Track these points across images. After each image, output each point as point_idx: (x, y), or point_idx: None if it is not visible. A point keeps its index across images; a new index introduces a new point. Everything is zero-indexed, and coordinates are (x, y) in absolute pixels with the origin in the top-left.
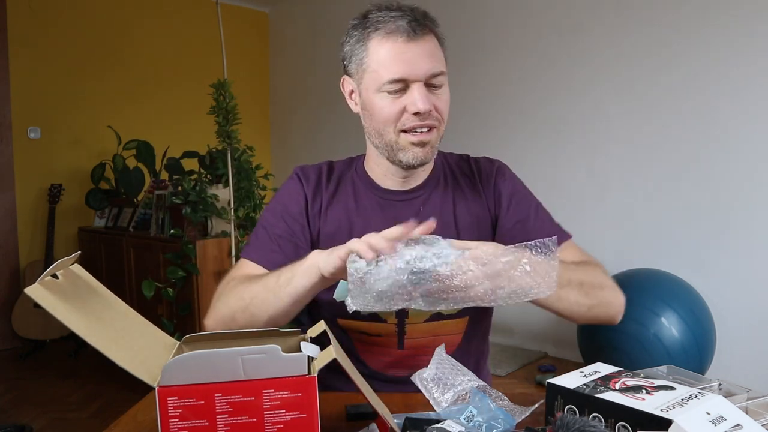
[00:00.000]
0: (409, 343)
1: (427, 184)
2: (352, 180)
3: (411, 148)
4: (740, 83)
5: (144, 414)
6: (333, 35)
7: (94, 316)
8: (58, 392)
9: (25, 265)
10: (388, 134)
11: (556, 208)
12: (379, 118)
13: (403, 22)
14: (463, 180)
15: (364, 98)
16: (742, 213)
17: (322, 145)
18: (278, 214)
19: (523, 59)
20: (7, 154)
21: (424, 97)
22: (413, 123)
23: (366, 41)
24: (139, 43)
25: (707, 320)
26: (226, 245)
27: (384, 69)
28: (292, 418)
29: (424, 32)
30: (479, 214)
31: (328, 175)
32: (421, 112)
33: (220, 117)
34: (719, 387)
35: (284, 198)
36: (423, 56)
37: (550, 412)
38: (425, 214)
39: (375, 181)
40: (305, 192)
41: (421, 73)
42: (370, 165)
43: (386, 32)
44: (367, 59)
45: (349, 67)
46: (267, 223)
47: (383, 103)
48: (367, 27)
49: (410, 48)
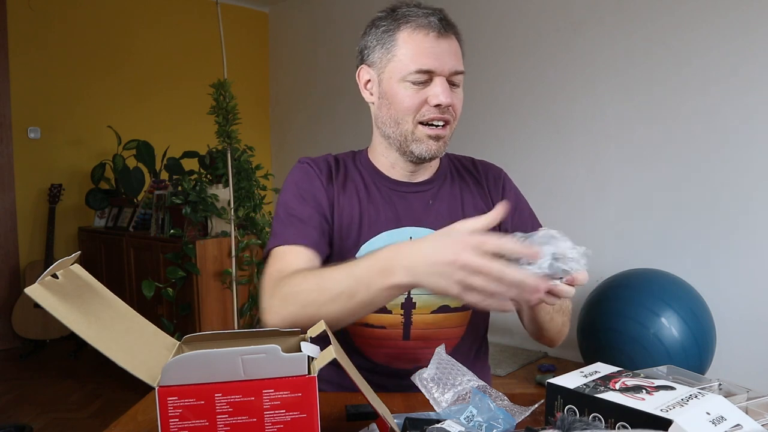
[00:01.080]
0: (415, 333)
1: (437, 178)
2: (358, 170)
3: (426, 140)
4: (740, 83)
5: (144, 414)
6: (333, 35)
7: (94, 316)
8: (58, 392)
9: (25, 265)
10: (405, 124)
11: (556, 208)
12: (400, 106)
13: (434, 18)
14: (469, 178)
15: (385, 87)
16: (742, 213)
17: (323, 145)
18: (303, 196)
19: (523, 59)
20: (7, 154)
21: (447, 90)
22: (432, 114)
23: (395, 32)
24: (139, 43)
25: (707, 320)
26: (226, 245)
27: (412, 59)
28: (292, 418)
29: (450, 32)
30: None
31: (335, 165)
32: (442, 104)
33: (220, 117)
34: (719, 387)
35: (302, 181)
36: (450, 53)
37: (550, 412)
38: (435, 206)
39: (383, 171)
40: (320, 178)
41: (447, 68)
42: (377, 156)
43: (418, 25)
44: (395, 49)
45: (370, 57)
46: (292, 207)
47: (406, 93)
48: (397, 19)
49: (440, 43)
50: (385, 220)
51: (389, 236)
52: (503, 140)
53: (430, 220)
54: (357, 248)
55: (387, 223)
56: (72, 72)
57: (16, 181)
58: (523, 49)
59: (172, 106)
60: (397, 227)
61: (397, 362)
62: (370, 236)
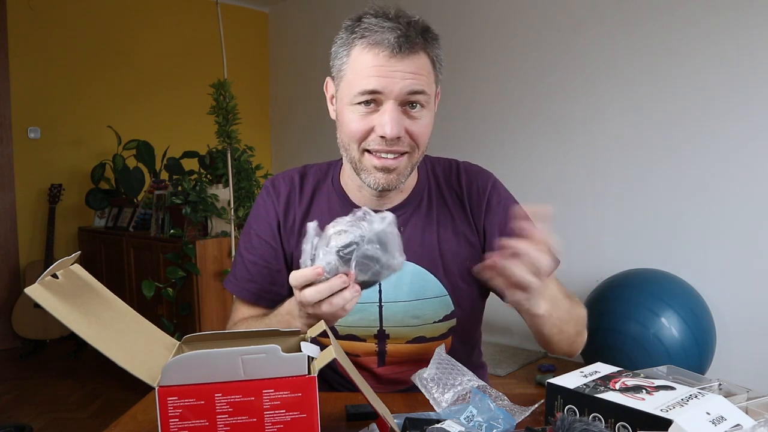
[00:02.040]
0: (390, 360)
1: (409, 202)
2: (326, 193)
3: (373, 171)
4: (741, 83)
5: (144, 414)
6: (333, 35)
7: (94, 316)
8: (58, 392)
9: (25, 265)
10: (352, 151)
11: (556, 208)
12: (347, 131)
13: (391, 35)
14: (450, 196)
15: (338, 107)
16: (742, 213)
17: (322, 145)
18: (251, 239)
19: (523, 59)
20: (7, 154)
21: (395, 120)
22: (378, 146)
23: (349, 47)
24: (139, 43)
25: (707, 320)
26: (226, 245)
27: (358, 79)
28: (292, 418)
29: (412, 50)
30: (467, 236)
31: (300, 186)
32: (387, 137)
33: (220, 117)
34: (719, 387)
35: (255, 221)
36: (404, 73)
37: (550, 412)
38: (407, 234)
39: (349, 196)
40: (276, 208)
41: (397, 89)
42: (345, 179)
43: (370, 42)
44: (346, 66)
45: (332, 70)
46: (243, 249)
47: (352, 117)
48: (354, 32)
49: (391, 63)
50: None
51: None
52: (503, 140)
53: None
54: None
55: None
56: (72, 72)
57: (16, 181)
58: (523, 49)
59: (172, 106)
60: None
61: (377, 387)
62: None
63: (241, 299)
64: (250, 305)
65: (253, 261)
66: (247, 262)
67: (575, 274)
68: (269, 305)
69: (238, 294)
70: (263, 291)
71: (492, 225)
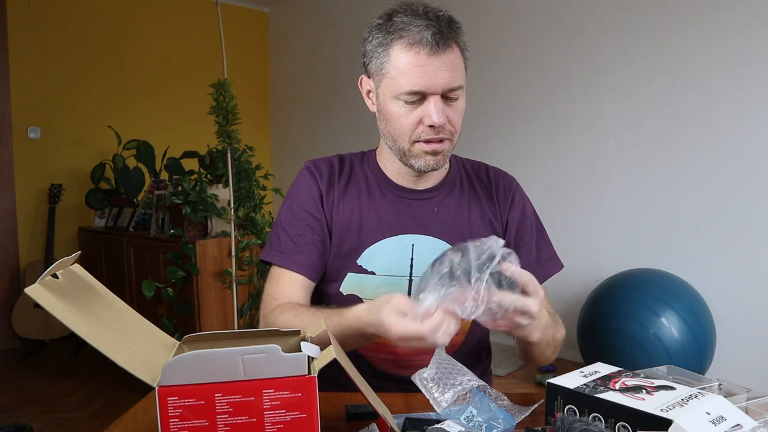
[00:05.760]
0: None
1: (444, 185)
2: (364, 173)
3: (424, 156)
4: (741, 83)
5: (144, 414)
6: (333, 35)
7: (94, 316)
8: (58, 392)
9: (25, 265)
10: (402, 142)
11: (556, 208)
12: (395, 125)
13: (428, 33)
14: (480, 187)
15: (381, 102)
16: (742, 213)
17: (323, 145)
18: (296, 214)
19: (524, 59)
20: (7, 154)
21: (440, 110)
22: (428, 136)
23: (388, 47)
24: (139, 43)
25: (707, 320)
26: (226, 245)
27: (404, 79)
28: (292, 418)
29: (447, 44)
30: (493, 223)
31: (339, 167)
32: (436, 125)
33: (220, 117)
34: (719, 387)
35: (299, 195)
36: (443, 70)
37: (550, 412)
38: (440, 215)
39: (389, 176)
40: (319, 185)
41: (440, 87)
42: (384, 161)
43: (410, 42)
44: (388, 65)
45: (369, 67)
46: (286, 225)
47: (400, 112)
48: (390, 32)
49: (432, 61)
50: (387, 226)
51: (390, 242)
52: (503, 140)
53: (435, 228)
54: (358, 253)
55: (389, 230)
56: (72, 72)
57: (16, 181)
58: (523, 49)
59: (172, 106)
60: (399, 234)
61: (397, 369)
62: (373, 241)
63: (293, 271)
64: (296, 277)
65: (299, 233)
66: (294, 235)
67: (575, 274)
68: (314, 277)
69: (292, 267)
70: (310, 263)
71: (513, 220)
